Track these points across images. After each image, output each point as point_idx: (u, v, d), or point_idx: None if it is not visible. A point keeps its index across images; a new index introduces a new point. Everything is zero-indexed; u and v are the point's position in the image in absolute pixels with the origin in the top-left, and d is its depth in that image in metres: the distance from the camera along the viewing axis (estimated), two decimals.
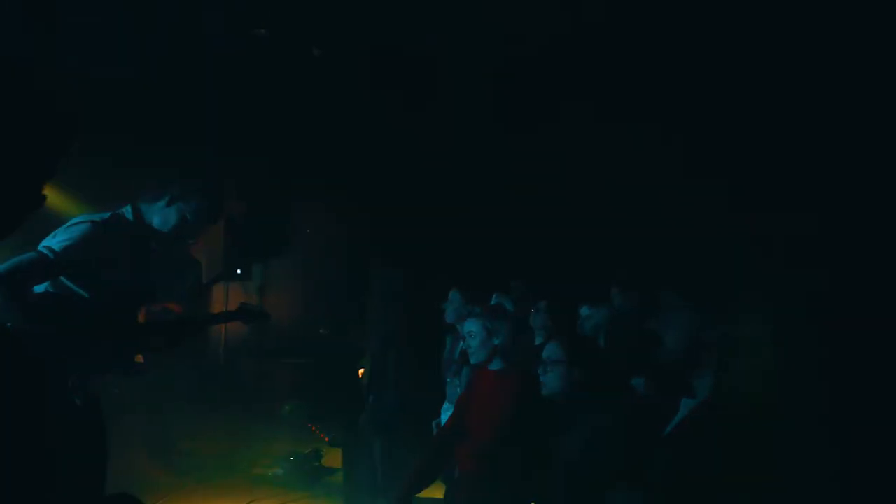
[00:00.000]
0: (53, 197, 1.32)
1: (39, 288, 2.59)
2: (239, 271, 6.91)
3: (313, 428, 7.05)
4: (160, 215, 2.81)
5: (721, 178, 5.48)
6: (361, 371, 5.74)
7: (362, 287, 5.86)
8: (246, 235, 6.40)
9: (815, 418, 2.60)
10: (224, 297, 7.67)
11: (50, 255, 2.53)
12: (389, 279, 5.42)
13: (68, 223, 2.64)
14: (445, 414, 4.20)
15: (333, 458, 6.21)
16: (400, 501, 3.32)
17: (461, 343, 4.07)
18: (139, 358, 3.21)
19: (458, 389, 3.98)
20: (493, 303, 4.67)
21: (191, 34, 5.05)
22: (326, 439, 6.87)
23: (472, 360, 3.44)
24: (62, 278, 2.58)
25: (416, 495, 3.37)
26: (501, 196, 7.01)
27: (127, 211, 2.81)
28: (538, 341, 4.71)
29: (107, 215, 2.73)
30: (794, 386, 2.62)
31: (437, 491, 3.66)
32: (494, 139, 6.75)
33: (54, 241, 2.57)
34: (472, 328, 3.40)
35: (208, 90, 5.63)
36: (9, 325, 2.32)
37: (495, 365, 3.38)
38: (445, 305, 4.84)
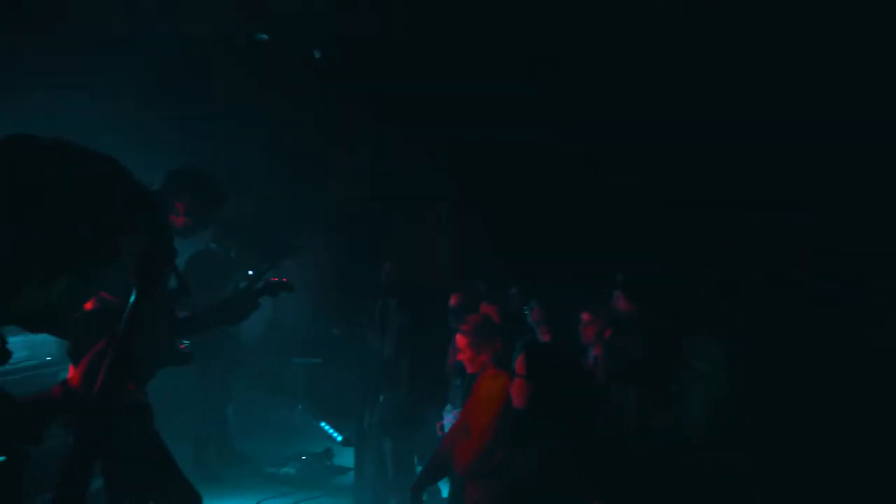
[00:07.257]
0: None
1: None
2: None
3: (326, 427, 7.08)
4: None
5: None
6: None
7: (376, 288, 5.76)
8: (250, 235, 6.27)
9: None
10: None
11: None
12: (403, 284, 5.47)
13: None
14: (448, 415, 4.24)
15: (345, 457, 6.28)
16: (412, 496, 3.50)
17: None
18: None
19: (461, 392, 4.01)
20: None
21: None
22: (338, 439, 6.91)
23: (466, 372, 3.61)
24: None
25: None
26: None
27: None
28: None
29: None
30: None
31: None
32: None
33: None
34: (459, 345, 3.56)
35: None
36: None
37: (491, 369, 3.48)
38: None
